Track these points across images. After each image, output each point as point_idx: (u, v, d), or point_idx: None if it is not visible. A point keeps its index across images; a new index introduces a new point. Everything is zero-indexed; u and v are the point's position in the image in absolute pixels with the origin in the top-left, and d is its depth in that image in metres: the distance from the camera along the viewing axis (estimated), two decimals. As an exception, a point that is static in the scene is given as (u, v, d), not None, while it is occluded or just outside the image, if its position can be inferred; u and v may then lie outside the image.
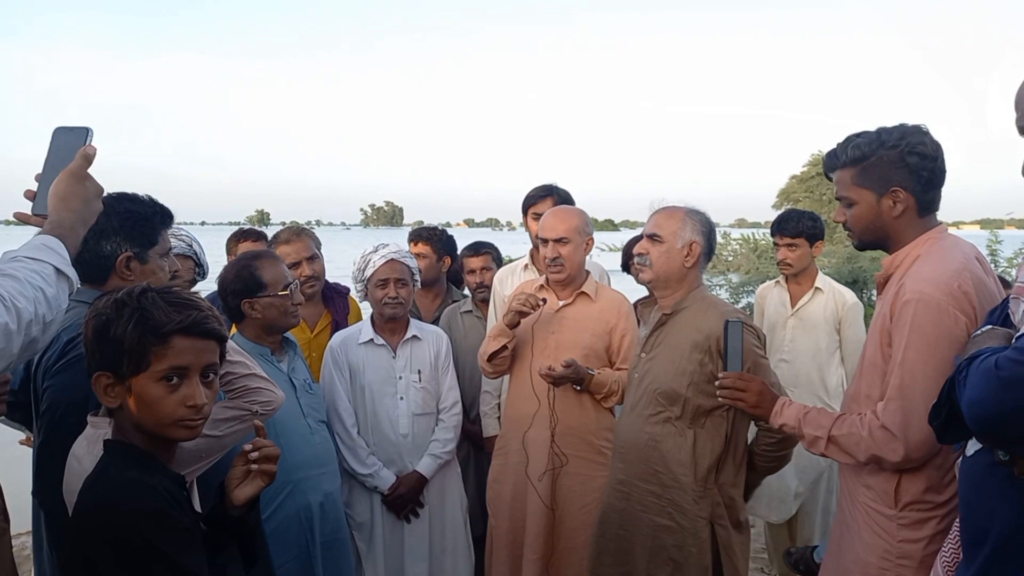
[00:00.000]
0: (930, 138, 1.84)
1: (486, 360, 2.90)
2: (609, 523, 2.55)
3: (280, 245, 3.20)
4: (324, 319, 3.32)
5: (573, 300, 2.91)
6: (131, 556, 1.25)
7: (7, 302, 1.18)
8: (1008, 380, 1.23)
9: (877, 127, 1.89)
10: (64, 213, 1.37)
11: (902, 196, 1.82)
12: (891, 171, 1.82)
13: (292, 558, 2.42)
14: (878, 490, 1.82)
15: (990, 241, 7.46)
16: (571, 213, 2.94)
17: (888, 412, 1.74)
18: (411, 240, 3.75)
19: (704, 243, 2.46)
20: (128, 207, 1.86)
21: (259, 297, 2.46)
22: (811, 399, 3.55)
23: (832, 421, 1.88)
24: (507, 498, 2.90)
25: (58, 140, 1.44)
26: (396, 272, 2.93)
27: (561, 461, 2.82)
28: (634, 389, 2.53)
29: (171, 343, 1.34)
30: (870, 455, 1.78)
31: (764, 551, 4.31)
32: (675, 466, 2.37)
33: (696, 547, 2.34)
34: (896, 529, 1.78)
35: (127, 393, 1.35)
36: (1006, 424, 1.26)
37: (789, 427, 1.98)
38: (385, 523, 2.92)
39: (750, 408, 2.09)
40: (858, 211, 1.89)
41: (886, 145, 1.83)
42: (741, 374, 2.10)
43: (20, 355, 1.24)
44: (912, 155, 1.81)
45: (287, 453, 2.44)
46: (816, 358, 3.60)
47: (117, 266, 1.82)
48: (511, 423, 2.96)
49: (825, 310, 3.60)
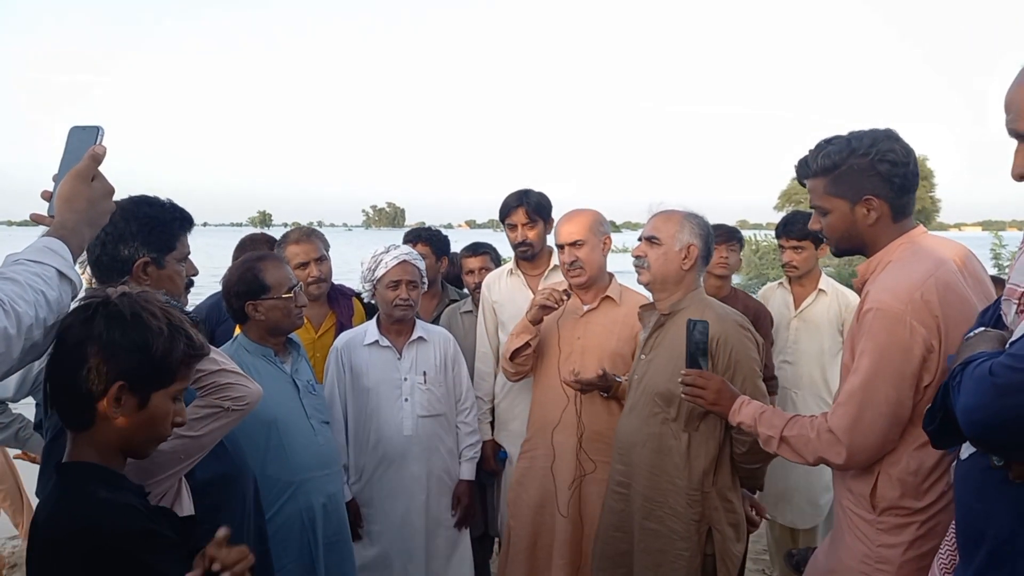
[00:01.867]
0: (900, 143, 1.83)
1: (508, 359, 2.89)
2: (608, 525, 2.56)
3: (290, 245, 3.23)
4: (329, 320, 3.33)
5: (598, 304, 2.90)
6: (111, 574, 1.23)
7: (6, 306, 1.17)
8: (1003, 387, 1.21)
9: (848, 132, 1.88)
10: (68, 214, 1.35)
11: (875, 204, 1.81)
12: (863, 179, 1.81)
13: (294, 559, 2.43)
14: (857, 494, 1.82)
15: (994, 245, 7.41)
16: (584, 214, 2.91)
17: (836, 416, 1.78)
18: (410, 241, 3.75)
19: (702, 246, 2.49)
20: (147, 212, 1.85)
21: (263, 299, 2.46)
22: (815, 400, 3.56)
23: (785, 422, 1.91)
24: (532, 503, 2.88)
25: (72, 139, 1.43)
26: (408, 274, 2.93)
27: (589, 468, 2.80)
28: (634, 390, 2.55)
29: (191, 366, 1.41)
30: (817, 456, 1.82)
31: (765, 552, 4.30)
32: (670, 468, 2.39)
33: (688, 550, 2.35)
34: (875, 534, 1.78)
35: (139, 406, 1.32)
36: (1001, 431, 1.25)
37: (746, 425, 2.02)
38: (385, 523, 2.93)
39: (708, 405, 2.12)
40: (832, 220, 1.89)
41: (857, 153, 1.81)
42: (702, 372, 2.13)
43: (21, 359, 1.23)
44: (883, 162, 1.80)
45: (289, 455, 2.44)
46: (819, 359, 3.60)
47: (134, 271, 1.81)
48: (538, 426, 2.93)
49: (829, 312, 3.60)
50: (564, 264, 2.85)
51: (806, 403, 3.56)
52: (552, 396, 2.86)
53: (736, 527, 2.40)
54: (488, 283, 3.41)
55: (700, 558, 2.36)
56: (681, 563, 2.35)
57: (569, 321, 2.88)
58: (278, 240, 3.40)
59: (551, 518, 2.84)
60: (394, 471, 2.92)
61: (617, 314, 2.88)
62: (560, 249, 2.87)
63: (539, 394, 2.96)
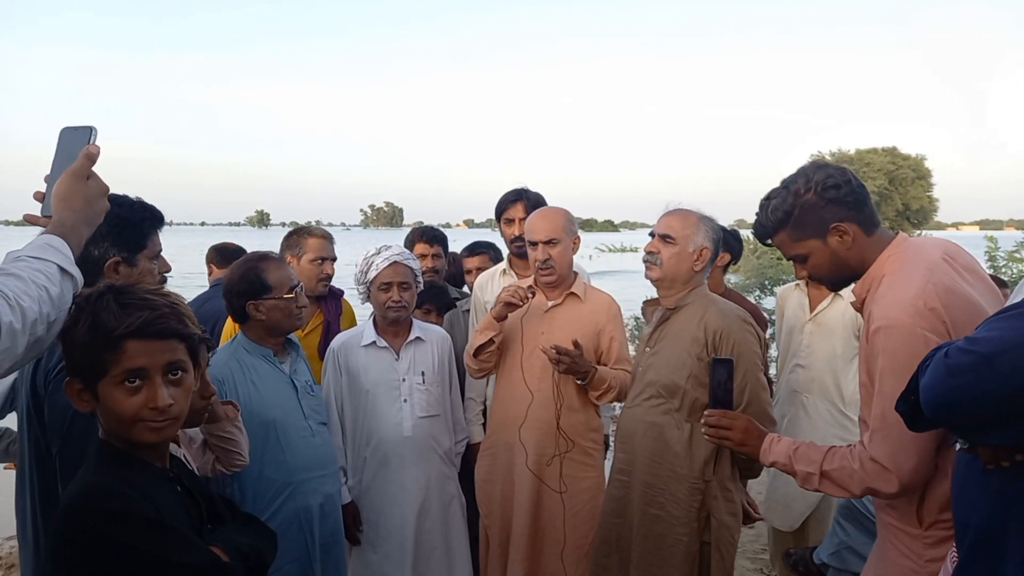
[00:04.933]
0: (831, 167, 1.86)
1: (472, 355, 2.90)
2: (608, 512, 2.61)
3: (314, 237, 3.31)
4: (316, 319, 3.33)
5: (562, 301, 2.92)
6: (97, 554, 1.26)
7: (11, 301, 1.19)
8: (953, 367, 1.27)
9: (780, 181, 1.91)
10: (66, 213, 1.37)
11: (844, 227, 1.82)
12: (819, 213, 1.83)
13: (291, 559, 2.42)
14: (902, 510, 1.78)
15: (989, 248, 7.36)
16: (557, 213, 2.92)
17: (875, 443, 1.72)
18: (427, 241, 3.77)
19: (713, 249, 2.53)
20: (116, 212, 1.83)
21: (264, 299, 2.45)
22: (826, 405, 3.50)
23: (823, 455, 1.83)
24: (497, 498, 2.92)
25: (64, 140, 1.44)
26: (400, 275, 2.92)
27: (568, 445, 2.82)
28: (638, 382, 2.59)
29: (123, 348, 1.32)
30: (864, 488, 1.75)
31: (765, 551, 4.30)
32: (672, 457, 2.43)
33: (687, 535, 2.39)
34: (923, 548, 1.74)
35: (96, 399, 1.35)
36: (951, 409, 1.29)
37: (780, 464, 1.92)
38: (384, 524, 2.92)
39: (736, 446, 2.03)
40: (815, 261, 1.89)
41: (800, 194, 1.84)
42: (726, 412, 2.03)
43: (25, 355, 1.24)
44: (827, 190, 1.82)
45: (288, 455, 2.44)
46: (831, 364, 3.51)
47: (106, 270, 1.82)
48: (500, 423, 2.94)
49: (844, 316, 3.51)
50: (536, 262, 2.86)
51: (816, 408, 3.51)
52: (515, 393, 2.87)
53: (734, 516, 2.45)
54: (480, 283, 3.41)
55: (698, 544, 2.41)
56: (680, 548, 2.40)
57: (534, 318, 2.89)
58: (294, 231, 3.42)
59: (511, 512, 2.87)
60: (393, 472, 2.92)
61: (582, 311, 2.89)
62: (532, 246, 2.86)
63: (501, 391, 2.97)
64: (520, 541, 2.84)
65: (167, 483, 1.42)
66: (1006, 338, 1.23)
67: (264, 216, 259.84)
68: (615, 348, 2.89)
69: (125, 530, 1.27)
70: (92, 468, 1.37)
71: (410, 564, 2.91)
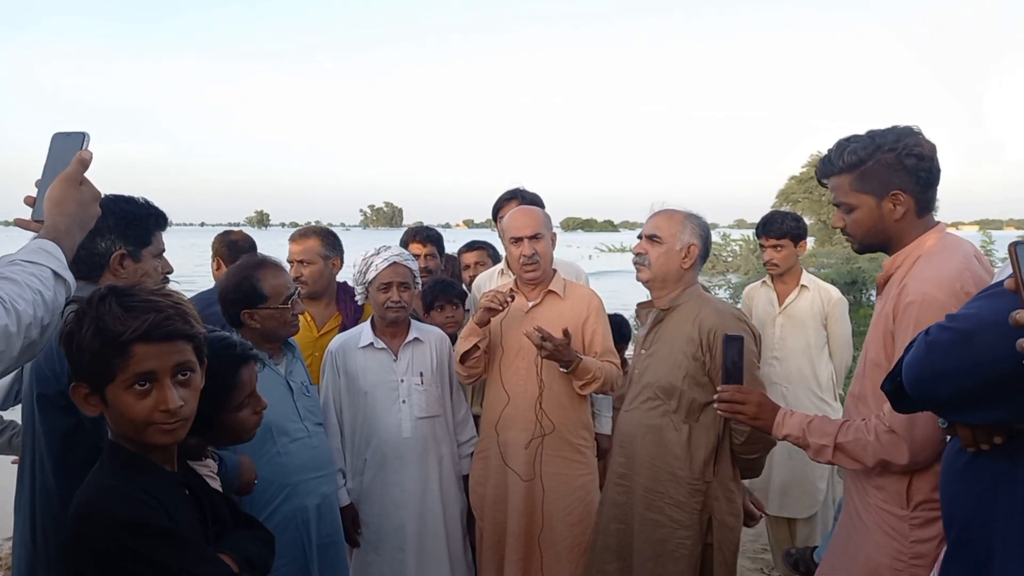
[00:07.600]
0: (925, 138, 1.85)
1: (459, 362, 2.92)
2: (609, 517, 2.59)
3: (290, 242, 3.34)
4: (334, 320, 3.32)
5: (542, 300, 2.95)
6: (108, 561, 1.27)
7: (7, 304, 1.19)
8: (931, 344, 1.30)
9: (868, 130, 1.89)
10: (59, 218, 1.37)
11: (902, 199, 1.83)
12: (890, 174, 1.83)
13: (288, 560, 2.40)
14: (890, 491, 1.82)
15: (984, 242, 7.55)
16: (536, 210, 3.03)
17: (893, 414, 1.73)
18: (420, 241, 3.76)
19: (701, 246, 2.54)
20: (124, 207, 1.89)
21: (259, 308, 2.44)
22: (805, 394, 3.68)
23: (837, 428, 1.87)
24: (490, 500, 2.93)
25: (56, 145, 1.45)
26: (399, 276, 2.91)
27: (547, 429, 2.84)
28: (634, 385, 2.59)
29: (131, 352, 1.31)
30: (878, 459, 1.78)
31: (765, 551, 4.30)
32: (671, 459, 2.43)
33: (690, 539, 2.39)
34: (908, 529, 1.78)
35: (103, 403, 1.35)
36: (929, 384, 1.32)
37: (793, 437, 1.95)
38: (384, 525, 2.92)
39: (749, 420, 2.05)
40: (859, 216, 1.90)
41: (883, 148, 1.83)
42: (739, 387, 2.05)
43: (19, 358, 1.24)
44: (910, 157, 1.82)
45: (283, 457, 2.43)
46: (807, 353, 3.72)
47: (111, 263, 1.84)
48: (488, 426, 2.98)
49: (812, 306, 3.74)
50: (522, 257, 2.88)
51: (797, 397, 3.67)
52: (495, 392, 2.91)
53: (735, 517, 2.45)
54: (479, 283, 3.43)
55: (700, 547, 2.41)
56: (682, 551, 2.39)
57: (515, 320, 2.91)
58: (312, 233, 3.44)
59: (505, 514, 2.88)
60: (393, 473, 2.91)
61: (562, 307, 2.92)
62: (516, 242, 2.90)
63: (487, 395, 3.01)
64: (515, 543, 2.85)
65: (177, 487, 1.42)
66: (983, 316, 1.25)
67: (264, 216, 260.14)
68: (598, 340, 2.92)
69: (139, 540, 1.27)
70: (106, 471, 1.36)
71: (410, 565, 2.90)
